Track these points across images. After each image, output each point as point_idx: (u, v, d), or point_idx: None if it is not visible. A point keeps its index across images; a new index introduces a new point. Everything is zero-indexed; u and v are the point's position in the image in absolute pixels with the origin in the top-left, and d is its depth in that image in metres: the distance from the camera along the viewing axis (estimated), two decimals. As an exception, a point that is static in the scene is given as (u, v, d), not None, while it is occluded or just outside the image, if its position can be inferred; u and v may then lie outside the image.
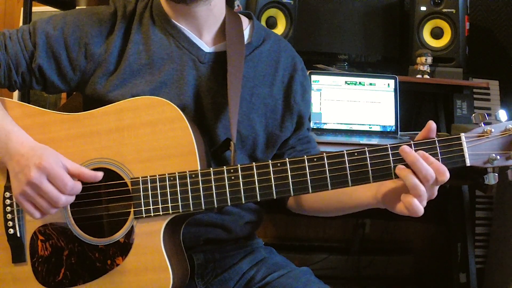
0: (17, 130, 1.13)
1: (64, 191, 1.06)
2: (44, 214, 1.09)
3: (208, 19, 1.26)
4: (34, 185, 1.05)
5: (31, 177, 1.05)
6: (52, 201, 1.06)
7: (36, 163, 1.05)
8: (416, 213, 1.01)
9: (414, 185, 0.99)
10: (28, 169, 1.06)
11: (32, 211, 1.08)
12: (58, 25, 1.22)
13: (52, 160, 1.07)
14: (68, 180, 1.07)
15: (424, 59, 2.15)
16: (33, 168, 1.05)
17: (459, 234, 2.46)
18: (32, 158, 1.06)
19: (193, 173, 1.08)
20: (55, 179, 1.06)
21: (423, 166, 0.99)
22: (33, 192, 1.06)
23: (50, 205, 1.07)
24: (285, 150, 1.34)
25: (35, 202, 1.07)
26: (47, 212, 1.08)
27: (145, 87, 1.20)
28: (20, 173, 1.07)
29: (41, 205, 1.07)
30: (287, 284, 1.21)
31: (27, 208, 1.08)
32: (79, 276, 1.13)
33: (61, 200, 1.06)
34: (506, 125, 1.01)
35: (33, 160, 1.06)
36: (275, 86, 1.30)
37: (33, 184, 1.05)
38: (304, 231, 2.79)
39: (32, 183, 1.05)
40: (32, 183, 1.05)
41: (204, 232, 1.25)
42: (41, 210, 1.08)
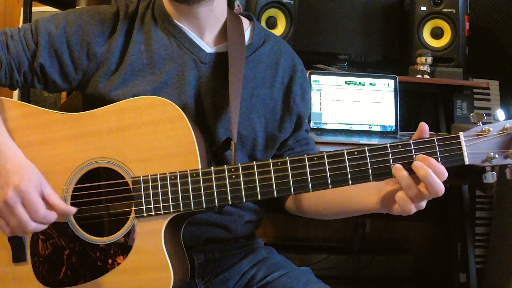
0: (8, 143, 1.12)
1: (35, 218, 1.06)
2: (13, 233, 1.10)
3: (210, 20, 1.26)
4: (8, 205, 1.06)
5: (7, 197, 1.05)
6: (21, 225, 1.07)
7: (15, 184, 1.06)
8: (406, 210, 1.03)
9: (409, 186, 1.00)
10: (7, 187, 1.06)
11: (3, 227, 1.09)
12: (60, 24, 1.22)
13: (31, 184, 1.07)
14: (40, 208, 1.06)
15: (424, 59, 2.15)
16: (11, 188, 1.05)
17: (459, 234, 2.46)
18: (13, 178, 1.06)
19: (194, 172, 1.08)
20: (28, 205, 1.06)
21: (434, 181, 1.00)
22: (7, 211, 1.06)
23: (20, 227, 1.07)
24: (283, 151, 1.34)
25: (7, 220, 1.08)
26: (16, 233, 1.09)
27: (146, 87, 1.20)
28: (0, 188, 1.07)
29: (12, 224, 1.07)
30: (287, 284, 1.21)
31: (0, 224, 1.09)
32: (80, 275, 1.13)
33: (30, 226, 1.07)
34: (504, 124, 1.02)
35: (14, 180, 1.06)
36: (275, 87, 1.30)
37: (8, 204, 1.05)
38: (304, 231, 2.79)
39: (7, 202, 1.05)
40: (7, 203, 1.05)
41: (205, 231, 1.25)
42: (11, 229, 1.09)
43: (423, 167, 1.00)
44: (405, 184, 1.01)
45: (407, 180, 1.01)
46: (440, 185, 1.00)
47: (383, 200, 1.10)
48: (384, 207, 1.11)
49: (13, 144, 1.13)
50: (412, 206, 1.02)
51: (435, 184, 1.00)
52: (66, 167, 1.14)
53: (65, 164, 1.14)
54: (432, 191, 1.00)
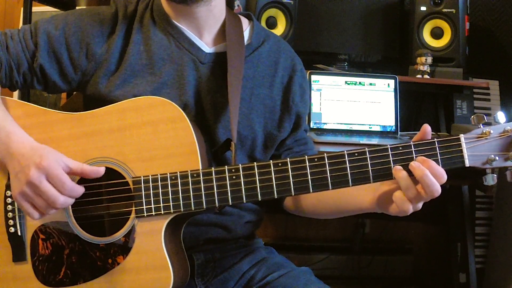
0: (18, 131, 1.13)
1: (62, 191, 1.06)
2: (42, 214, 1.09)
3: (208, 20, 1.26)
4: (33, 185, 1.05)
5: (30, 177, 1.05)
6: (50, 201, 1.06)
7: (36, 162, 1.05)
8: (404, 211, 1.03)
9: (408, 187, 1.00)
10: (28, 168, 1.06)
11: (31, 211, 1.08)
12: (59, 25, 1.22)
13: (52, 159, 1.06)
14: (67, 180, 1.06)
15: (424, 59, 2.15)
16: (33, 167, 1.05)
17: (459, 234, 2.46)
18: (32, 158, 1.06)
19: (194, 172, 1.09)
20: (53, 179, 1.06)
21: (431, 181, 1.00)
22: (32, 192, 1.06)
23: (48, 205, 1.07)
24: (282, 151, 1.34)
25: (33, 202, 1.07)
26: (46, 213, 1.08)
27: (146, 87, 1.20)
28: (20, 172, 1.07)
29: (39, 205, 1.07)
30: (287, 284, 1.21)
31: (26, 208, 1.08)
32: (79, 275, 1.13)
33: (59, 201, 1.06)
34: (504, 126, 1.02)
35: (33, 159, 1.06)
36: (274, 87, 1.30)
37: (32, 183, 1.05)
38: (304, 231, 2.79)
39: (31, 182, 1.05)
40: (31, 183, 1.05)
41: (204, 231, 1.25)
42: (39, 210, 1.08)
43: (420, 167, 1.00)
44: (404, 185, 1.01)
45: (406, 180, 1.01)
46: (436, 185, 1.00)
47: (379, 200, 1.10)
48: (380, 207, 1.11)
49: (22, 131, 1.13)
50: (410, 206, 1.02)
51: (431, 185, 1.00)
52: (66, 167, 1.14)
53: (66, 164, 1.14)
54: (428, 191, 1.00)
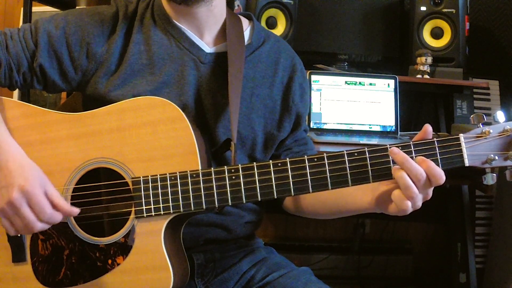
0: (10, 142, 1.12)
1: (41, 218, 1.07)
2: (18, 233, 1.10)
3: (209, 20, 1.26)
4: (14, 206, 1.06)
5: (12, 198, 1.05)
6: (27, 226, 1.07)
7: (20, 184, 1.05)
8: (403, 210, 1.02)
9: (407, 186, 1.00)
10: (11, 188, 1.06)
11: (8, 228, 1.09)
12: (60, 24, 1.22)
13: (36, 184, 1.07)
14: (46, 208, 1.07)
15: (424, 59, 2.15)
16: (16, 189, 1.05)
17: (459, 234, 2.45)
18: (17, 178, 1.06)
19: (194, 172, 1.09)
20: (34, 205, 1.06)
21: (412, 166, 1.00)
22: (12, 212, 1.07)
23: (25, 228, 1.08)
24: (281, 151, 1.34)
25: (12, 221, 1.08)
26: (22, 233, 1.10)
27: (146, 87, 1.20)
28: (4, 188, 1.07)
29: (17, 225, 1.08)
30: (287, 284, 1.21)
31: (4, 224, 1.09)
32: (79, 276, 1.13)
33: (36, 227, 1.07)
34: (504, 126, 1.02)
35: (18, 180, 1.06)
36: (274, 87, 1.30)
37: (13, 205, 1.06)
38: (304, 231, 2.79)
39: (12, 203, 1.06)
40: (12, 204, 1.06)
41: (204, 232, 1.25)
42: (17, 229, 1.09)
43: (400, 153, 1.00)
44: (403, 184, 1.00)
45: (405, 180, 1.00)
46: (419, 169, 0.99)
47: (378, 199, 1.10)
48: (379, 206, 1.10)
49: (15, 144, 1.13)
50: (409, 205, 1.01)
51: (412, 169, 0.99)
52: (66, 167, 1.14)
53: (65, 164, 1.14)
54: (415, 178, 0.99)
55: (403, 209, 1.02)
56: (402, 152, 1.01)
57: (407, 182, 1.00)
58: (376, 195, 1.10)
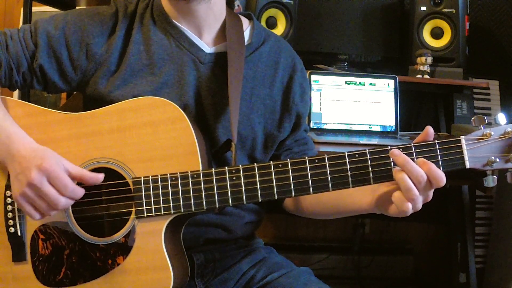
0: (18, 132, 1.13)
1: (64, 193, 1.06)
2: (43, 215, 1.09)
3: (208, 18, 1.26)
4: (34, 187, 1.05)
5: (32, 178, 1.05)
6: (51, 203, 1.06)
7: (37, 164, 1.05)
8: (403, 211, 1.02)
9: (408, 188, 1.00)
10: (28, 170, 1.05)
11: (32, 213, 1.08)
12: (59, 25, 1.22)
13: (53, 161, 1.06)
14: (68, 182, 1.07)
15: (424, 59, 2.15)
16: (34, 169, 1.05)
17: (459, 234, 2.46)
18: (33, 160, 1.06)
19: (195, 173, 1.08)
20: (55, 181, 1.06)
21: (413, 168, 1.00)
22: (33, 193, 1.06)
23: (49, 207, 1.07)
24: (282, 151, 1.34)
25: (35, 203, 1.07)
26: (47, 214, 1.09)
27: (146, 88, 1.20)
28: (21, 174, 1.07)
29: (40, 206, 1.07)
30: (287, 284, 1.21)
31: (27, 209, 1.08)
32: (79, 275, 1.13)
33: (60, 202, 1.06)
34: (505, 128, 1.02)
35: (34, 161, 1.06)
36: (274, 86, 1.30)
37: (33, 185, 1.05)
38: (304, 231, 2.79)
39: (32, 184, 1.05)
40: (32, 185, 1.05)
41: (204, 232, 1.25)
42: (40, 212, 1.08)
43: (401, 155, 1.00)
44: (404, 186, 1.00)
45: (407, 182, 1.00)
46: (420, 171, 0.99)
47: (378, 200, 1.10)
48: (379, 207, 1.10)
49: (23, 132, 1.13)
50: (409, 207, 1.01)
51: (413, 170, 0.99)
52: (66, 167, 1.14)
53: (66, 164, 1.14)
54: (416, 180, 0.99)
55: (403, 210, 1.02)
56: (403, 154, 1.01)
57: (408, 184, 0.99)
58: (376, 196, 1.10)
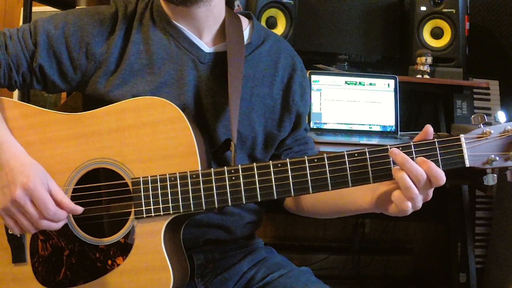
0: (11, 141, 1.13)
1: (45, 215, 1.07)
2: (24, 232, 1.10)
3: (208, 20, 1.26)
4: (17, 204, 1.06)
5: (15, 196, 1.05)
6: (32, 223, 1.07)
7: (22, 182, 1.06)
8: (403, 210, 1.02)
9: (407, 187, 0.99)
10: (14, 186, 1.06)
11: (12, 227, 1.09)
12: (59, 24, 1.22)
13: (38, 181, 1.07)
14: (50, 205, 1.07)
15: (424, 59, 2.15)
16: (19, 187, 1.05)
17: (459, 234, 2.46)
18: (19, 176, 1.06)
19: (194, 173, 1.08)
20: (38, 202, 1.06)
21: (413, 167, 1.00)
22: (16, 210, 1.07)
23: (31, 225, 1.08)
24: (282, 151, 1.34)
25: (16, 219, 1.08)
26: (27, 232, 1.09)
27: (145, 87, 1.20)
28: (6, 187, 1.07)
29: (22, 223, 1.08)
30: (287, 284, 1.21)
31: (8, 223, 1.09)
32: (79, 276, 1.13)
33: (41, 224, 1.07)
34: (505, 126, 1.02)
35: (21, 178, 1.06)
36: (274, 86, 1.30)
37: (17, 202, 1.06)
38: (304, 231, 2.79)
39: (15, 201, 1.06)
40: (16, 202, 1.06)
41: (204, 232, 1.25)
42: (21, 228, 1.09)
43: (400, 154, 1.00)
44: (403, 185, 1.00)
45: (406, 181, 1.00)
46: (419, 170, 0.99)
47: (378, 200, 1.10)
48: (379, 207, 1.10)
49: (16, 142, 1.13)
50: (409, 206, 1.01)
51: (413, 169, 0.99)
52: (65, 168, 1.14)
53: (65, 164, 1.14)
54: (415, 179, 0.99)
55: (403, 209, 1.01)
56: (402, 152, 1.01)
57: (408, 183, 0.99)
58: (376, 195, 1.10)
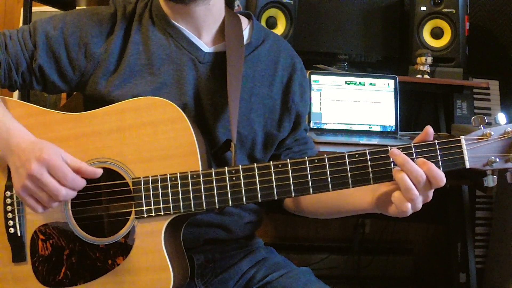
0: (17, 126, 1.13)
1: (64, 183, 1.06)
2: (45, 208, 1.08)
3: (207, 19, 1.26)
4: (35, 178, 1.05)
5: (32, 170, 1.04)
6: (52, 194, 1.06)
7: (36, 155, 1.05)
8: (403, 212, 1.02)
9: (407, 188, 0.99)
10: (28, 162, 1.05)
11: (34, 205, 1.08)
12: (58, 25, 1.22)
13: (52, 152, 1.06)
14: (68, 172, 1.06)
15: (424, 59, 2.15)
16: (33, 161, 1.05)
17: (459, 234, 2.46)
18: (32, 152, 1.06)
19: (194, 173, 1.08)
20: (55, 171, 1.05)
21: (412, 167, 0.99)
22: (34, 185, 1.06)
23: (51, 198, 1.06)
24: (281, 151, 1.34)
25: (36, 195, 1.07)
26: (49, 206, 1.08)
27: (145, 87, 1.20)
28: (21, 167, 1.07)
29: (42, 198, 1.07)
30: (287, 284, 1.22)
31: (29, 202, 1.08)
32: (79, 276, 1.13)
33: (61, 192, 1.06)
34: (505, 128, 1.02)
35: (33, 153, 1.06)
36: (274, 86, 1.30)
37: (34, 177, 1.05)
38: (304, 231, 2.79)
39: (32, 176, 1.05)
40: (33, 176, 1.05)
41: (205, 232, 1.25)
42: (42, 204, 1.08)
43: (400, 154, 1.00)
44: (403, 186, 1.00)
45: (406, 182, 0.99)
46: (419, 171, 0.99)
47: (378, 200, 1.09)
48: (379, 207, 1.10)
49: (20, 125, 1.13)
50: (409, 207, 1.01)
51: (413, 170, 0.99)
52: (66, 168, 1.14)
53: (65, 164, 1.14)
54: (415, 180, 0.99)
55: (403, 210, 1.01)
56: (402, 153, 1.01)
57: (408, 184, 0.99)
58: (376, 196, 1.10)
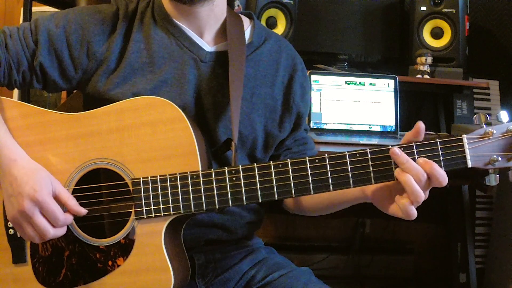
0: (10, 145, 1.13)
1: (55, 225, 1.08)
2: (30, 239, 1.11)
3: (209, 19, 1.26)
4: (26, 215, 1.06)
5: (24, 208, 1.06)
6: (41, 233, 1.08)
7: (30, 194, 1.06)
8: (410, 217, 1.01)
9: (414, 191, 0.98)
10: (21, 198, 1.06)
11: (22, 235, 1.11)
12: (60, 23, 1.22)
13: (45, 192, 1.07)
14: (60, 216, 1.07)
15: (424, 59, 2.15)
16: (26, 198, 1.06)
17: (459, 234, 2.46)
18: (25, 187, 1.07)
19: (194, 173, 1.08)
20: (47, 213, 1.07)
21: (412, 166, 0.99)
22: (24, 220, 1.07)
23: (38, 235, 1.08)
24: (281, 151, 1.34)
25: (23, 228, 1.09)
26: (34, 241, 1.10)
27: (145, 86, 1.20)
28: (13, 197, 1.08)
29: (29, 233, 1.09)
30: (287, 284, 1.21)
31: (18, 230, 1.11)
32: (79, 277, 1.13)
33: (49, 234, 1.08)
34: (507, 126, 1.01)
35: (26, 189, 1.06)
36: (275, 86, 1.30)
37: (25, 214, 1.06)
38: (304, 231, 2.79)
39: (24, 212, 1.06)
40: (24, 213, 1.06)
41: (205, 232, 1.24)
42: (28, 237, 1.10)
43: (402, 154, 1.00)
44: (410, 189, 0.98)
45: (413, 185, 0.98)
46: (420, 170, 0.99)
47: (373, 193, 1.08)
48: (375, 201, 1.09)
49: (16, 146, 1.13)
50: (415, 211, 1.00)
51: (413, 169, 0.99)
52: (65, 168, 1.14)
53: (65, 164, 1.14)
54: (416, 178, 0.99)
55: (409, 215, 1.00)
56: (403, 153, 1.00)
57: (414, 187, 0.98)
58: (371, 189, 1.09)
